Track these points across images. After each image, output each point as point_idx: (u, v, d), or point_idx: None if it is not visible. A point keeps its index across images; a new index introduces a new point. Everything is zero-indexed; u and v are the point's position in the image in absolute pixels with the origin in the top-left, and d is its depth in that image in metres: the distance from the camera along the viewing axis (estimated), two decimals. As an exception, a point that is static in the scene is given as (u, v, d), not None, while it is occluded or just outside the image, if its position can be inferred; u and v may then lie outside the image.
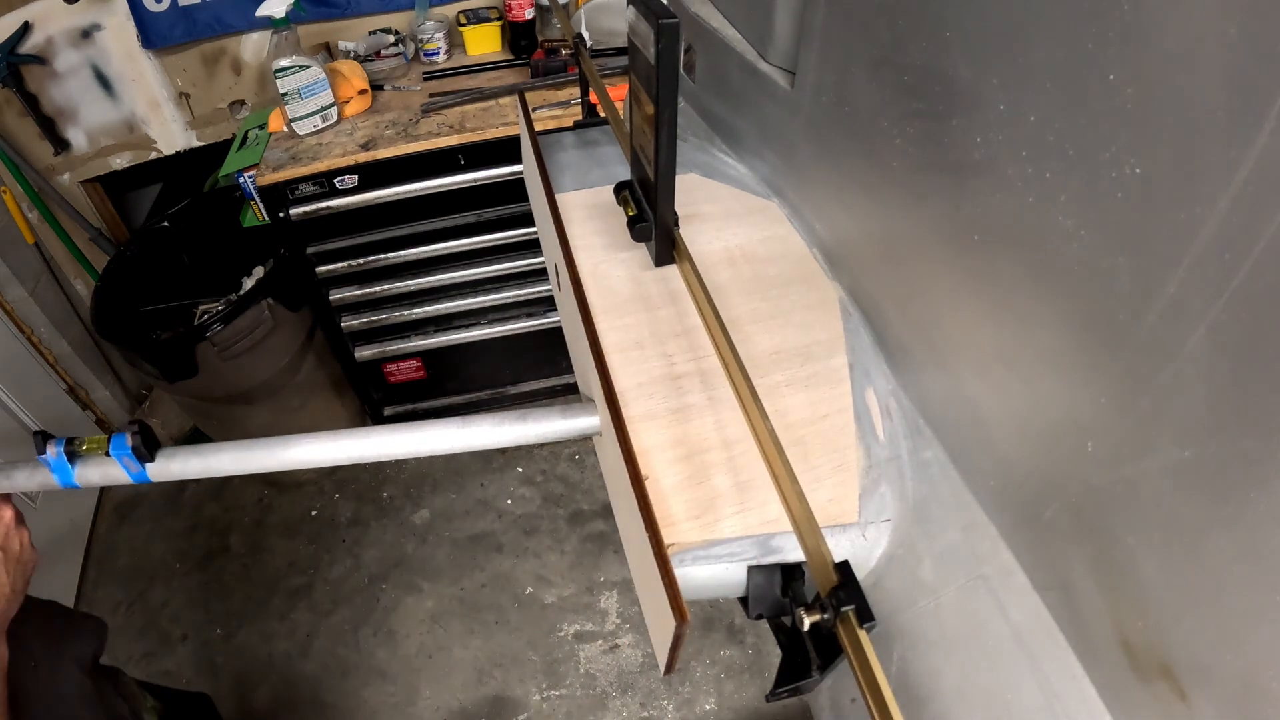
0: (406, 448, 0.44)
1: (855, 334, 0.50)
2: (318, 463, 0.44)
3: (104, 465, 0.45)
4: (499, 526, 1.85)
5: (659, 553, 0.32)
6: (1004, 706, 0.36)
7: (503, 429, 0.43)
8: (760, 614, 0.43)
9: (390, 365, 1.72)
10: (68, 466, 0.45)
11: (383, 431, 0.44)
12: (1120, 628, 0.31)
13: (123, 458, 0.44)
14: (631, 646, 1.65)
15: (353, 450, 0.44)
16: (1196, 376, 0.25)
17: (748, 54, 0.58)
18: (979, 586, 0.39)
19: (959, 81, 0.34)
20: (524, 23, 1.64)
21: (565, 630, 1.68)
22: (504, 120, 1.40)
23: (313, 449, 0.44)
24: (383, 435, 0.43)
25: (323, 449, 0.44)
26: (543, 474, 1.93)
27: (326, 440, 0.44)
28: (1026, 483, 0.36)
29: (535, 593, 1.74)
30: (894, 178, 0.42)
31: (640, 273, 0.53)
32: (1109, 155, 0.27)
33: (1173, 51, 0.24)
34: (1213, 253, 0.24)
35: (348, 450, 0.44)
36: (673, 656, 0.32)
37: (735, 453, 0.43)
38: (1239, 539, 0.25)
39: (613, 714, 1.56)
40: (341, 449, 0.44)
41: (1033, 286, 0.33)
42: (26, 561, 0.58)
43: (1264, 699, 0.25)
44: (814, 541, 0.32)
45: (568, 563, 1.78)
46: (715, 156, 0.67)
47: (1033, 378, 0.34)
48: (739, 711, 1.55)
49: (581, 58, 0.68)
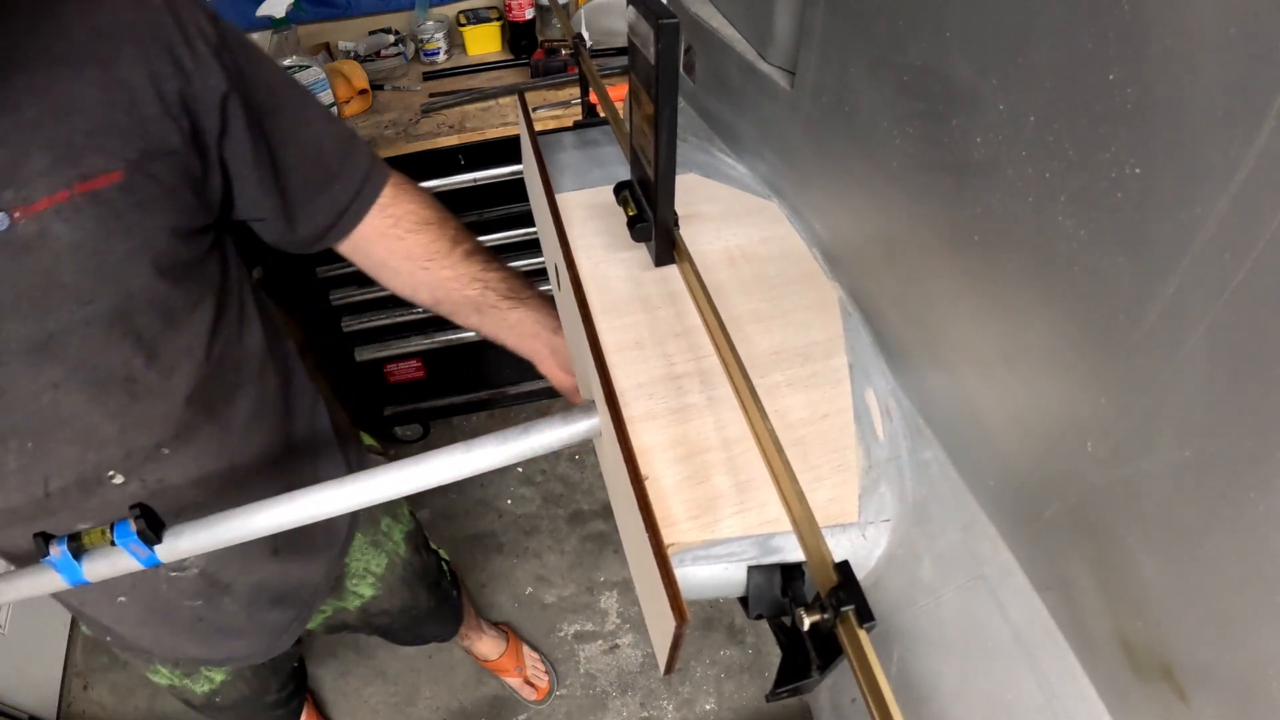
0: (415, 483, 0.43)
1: (855, 334, 0.50)
2: (326, 514, 0.44)
3: (112, 555, 0.44)
4: (499, 526, 1.85)
5: (659, 553, 0.32)
6: (1004, 706, 0.36)
7: (507, 446, 0.43)
8: (760, 614, 0.43)
9: (390, 365, 1.72)
10: (75, 565, 0.44)
11: (390, 470, 0.43)
12: (1120, 628, 0.31)
13: (129, 545, 0.43)
14: (631, 646, 1.65)
15: (362, 496, 0.43)
16: (1196, 376, 0.25)
17: (747, 54, 0.58)
18: (979, 586, 0.39)
19: (959, 81, 0.34)
20: (524, 23, 1.64)
21: (565, 630, 1.68)
22: (504, 120, 1.40)
23: (319, 500, 0.43)
24: (390, 474, 0.43)
25: (330, 499, 0.43)
26: (543, 474, 1.93)
27: (333, 489, 0.43)
28: (1026, 483, 0.36)
29: (535, 593, 1.74)
30: (894, 178, 0.42)
31: (640, 273, 0.53)
32: (1109, 155, 0.27)
33: (1173, 51, 0.24)
34: (1213, 253, 0.24)
35: (357, 497, 0.43)
36: (673, 657, 0.32)
37: (735, 453, 0.43)
38: (1239, 539, 0.25)
39: (613, 714, 1.56)
40: (350, 496, 0.43)
41: (1032, 286, 0.33)
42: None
43: (1264, 699, 0.25)
44: (814, 541, 0.32)
45: (568, 563, 1.78)
46: (715, 156, 0.67)
47: (1032, 378, 0.34)
48: (739, 711, 1.55)
49: (581, 58, 0.68)
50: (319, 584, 0.85)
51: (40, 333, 0.54)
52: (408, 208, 0.71)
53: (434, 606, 1.13)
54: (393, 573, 0.99)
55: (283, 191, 0.65)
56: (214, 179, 0.61)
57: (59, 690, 1.61)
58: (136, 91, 0.54)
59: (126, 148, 0.54)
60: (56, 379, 0.56)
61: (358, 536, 0.91)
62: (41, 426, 0.57)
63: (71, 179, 0.52)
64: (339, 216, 0.68)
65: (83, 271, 0.53)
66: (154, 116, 0.55)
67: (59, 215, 0.52)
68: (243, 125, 0.60)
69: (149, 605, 0.73)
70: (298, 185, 0.66)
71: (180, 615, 0.75)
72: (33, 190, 0.51)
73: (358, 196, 0.68)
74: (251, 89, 0.60)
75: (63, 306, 0.54)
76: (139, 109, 0.54)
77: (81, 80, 0.52)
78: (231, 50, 0.59)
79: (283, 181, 0.65)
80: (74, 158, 0.52)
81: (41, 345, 0.54)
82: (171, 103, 0.55)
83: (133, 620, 0.75)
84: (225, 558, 0.71)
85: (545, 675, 1.57)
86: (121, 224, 0.54)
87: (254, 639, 0.83)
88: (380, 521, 0.96)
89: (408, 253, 0.71)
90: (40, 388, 0.55)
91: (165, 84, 0.55)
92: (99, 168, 0.53)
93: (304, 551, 0.81)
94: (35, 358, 0.54)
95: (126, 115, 0.53)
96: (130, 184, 0.54)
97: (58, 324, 0.54)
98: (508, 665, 1.53)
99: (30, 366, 0.54)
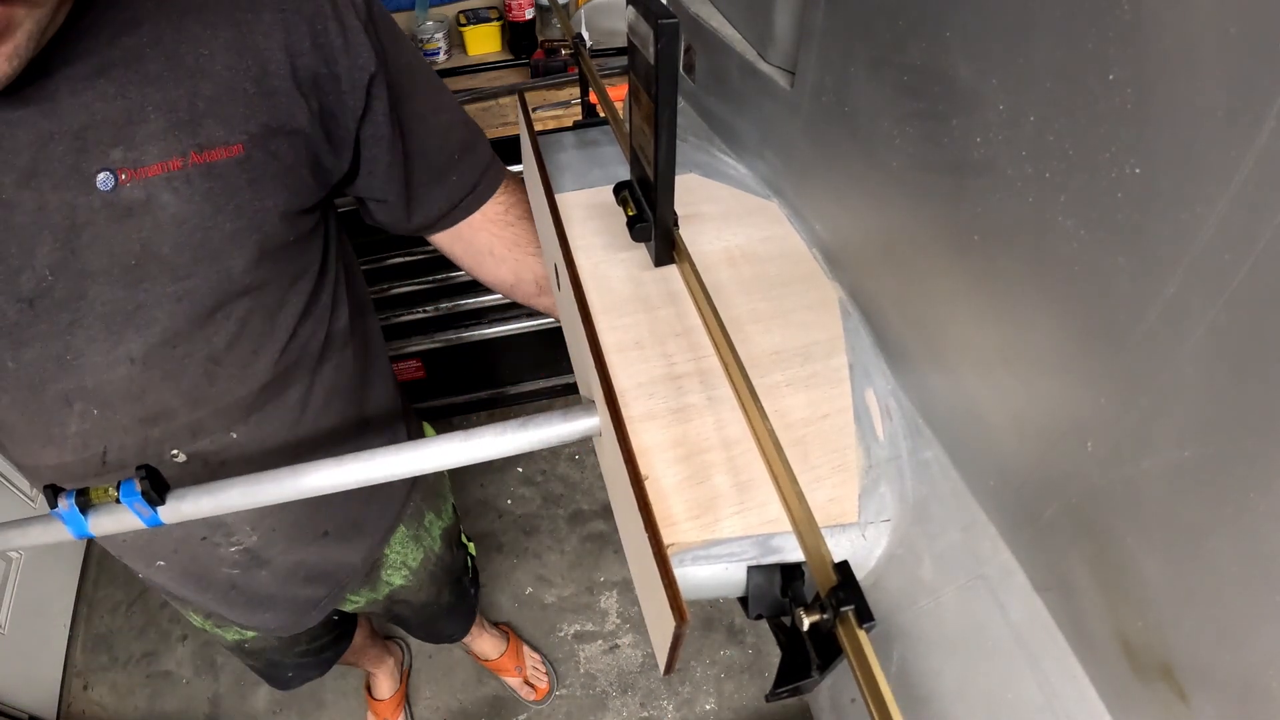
0: (413, 466, 0.43)
1: (855, 334, 0.50)
2: (328, 489, 0.44)
3: (116, 513, 0.45)
4: (499, 526, 1.85)
5: (659, 553, 0.32)
6: (1004, 706, 0.36)
7: (505, 438, 0.43)
8: (760, 614, 0.43)
9: (390, 365, 1.72)
10: (81, 518, 0.45)
11: (388, 452, 0.43)
12: (1120, 628, 0.31)
13: (134, 504, 0.44)
14: (631, 646, 1.65)
15: (361, 473, 0.43)
16: (1196, 376, 0.25)
17: (747, 54, 0.58)
18: (979, 586, 0.39)
19: (959, 81, 0.34)
20: (524, 23, 1.64)
21: (565, 630, 1.68)
22: (504, 120, 1.40)
23: (321, 476, 0.43)
24: (389, 456, 0.43)
25: (332, 475, 0.43)
26: (543, 474, 1.93)
27: (334, 466, 0.43)
28: (1026, 483, 0.36)
29: (535, 593, 1.74)
30: (894, 178, 0.42)
31: (640, 273, 0.53)
32: (1109, 155, 0.27)
33: (1173, 51, 0.24)
34: (1213, 253, 0.24)
35: (356, 474, 0.43)
36: (672, 657, 0.32)
37: (735, 453, 0.43)
38: (1239, 539, 0.25)
39: (613, 714, 1.56)
40: (351, 473, 0.43)
41: (1032, 286, 0.33)
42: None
43: (1265, 699, 0.25)
44: (813, 541, 0.32)
45: (568, 563, 1.78)
46: (715, 156, 0.67)
47: (1032, 377, 0.34)
48: (739, 711, 1.55)
49: (581, 58, 0.68)
50: (356, 566, 0.85)
51: (129, 302, 0.51)
52: (518, 197, 0.71)
53: (452, 604, 1.13)
54: (425, 568, 0.98)
55: (408, 176, 0.63)
56: (341, 159, 0.59)
57: (59, 690, 1.61)
58: (269, 62, 0.51)
59: (250, 120, 0.51)
60: (135, 353, 0.53)
61: (400, 528, 0.90)
62: (110, 397, 0.55)
63: (188, 147, 0.49)
64: (453, 207, 0.67)
65: (183, 247, 0.51)
66: (283, 90, 0.52)
67: (169, 184, 0.49)
68: (385, 107, 0.57)
69: (185, 569, 0.72)
70: (421, 171, 0.64)
71: (216, 582, 0.74)
72: (144, 153, 0.48)
73: (474, 190, 0.67)
74: (394, 70, 0.58)
75: (156, 279, 0.51)
76: (269, 81, 0.51)
77: (213, 41, 0.49)
78: (378, 26, 0.56)
79: (409, 166, 0.63)
80: (193, 124, 0.49)
81: (128, 315, 0.52)
82: (304, 79, 0.52)
83: (167, 580, 0.75)
84: (274, 537, 0.71)
85: (545, 675, 1.57)
86: (233, 202, 0.52)
87: (283, 612, 0.83)
88: (424, 516, 0.95)
89: (516, 239, 0.70)
90: (116, 358, 0.53)
91: (300, 59, 0.52)
92: (219, 139, 0.50)
93: (350, 538, 0.80)
94: (118, 325, 0.52)
95: (255, 85, 0.50)
96: (249, 160, 0.51)
97: (148, 295, 0.51)
98: (508, 665, 1.53)
99: (112, 334, 0.52)
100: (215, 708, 1.60)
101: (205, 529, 0.68)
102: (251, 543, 0.70)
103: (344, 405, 0.71)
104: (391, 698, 1.51)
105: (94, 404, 0.55)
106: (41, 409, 0.55)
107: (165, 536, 0.68)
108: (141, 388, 0.56)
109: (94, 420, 0.56)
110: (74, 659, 1.66)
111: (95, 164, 0.47)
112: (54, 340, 0.52)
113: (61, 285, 0.50)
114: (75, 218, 0.48)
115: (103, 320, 0.52)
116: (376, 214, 0.69)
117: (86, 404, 0.55)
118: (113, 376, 0.54)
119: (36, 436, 0.57)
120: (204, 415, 0.59)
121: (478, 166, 0.68)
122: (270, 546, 0.72)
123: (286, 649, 0.99)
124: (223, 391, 0.59)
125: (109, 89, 0.47)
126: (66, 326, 0.51)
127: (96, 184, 0.48)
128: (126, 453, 0.59)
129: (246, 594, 0.77)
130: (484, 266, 0.72)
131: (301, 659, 1.04)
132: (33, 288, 0.49)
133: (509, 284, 0.73)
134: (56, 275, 0.49)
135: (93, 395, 0.55)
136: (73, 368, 0.53)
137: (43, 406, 0.55)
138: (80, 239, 0.49)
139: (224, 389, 0.59)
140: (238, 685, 1.60)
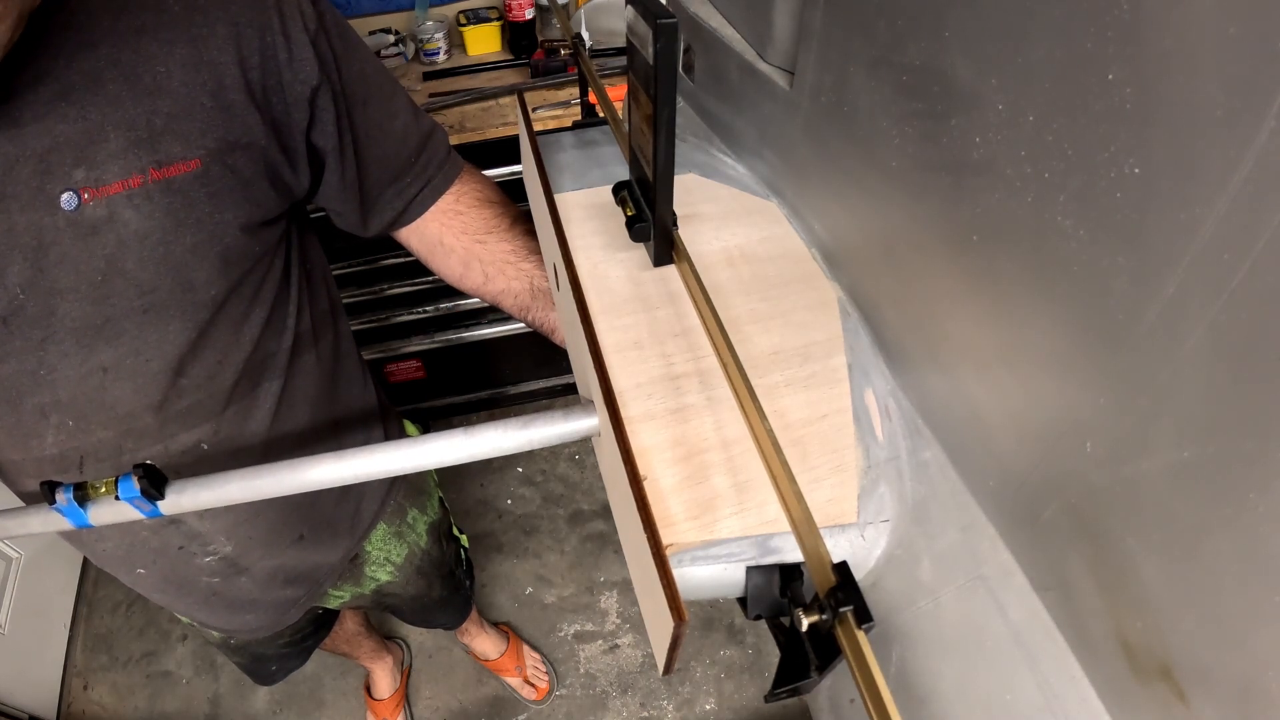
0: (414, 461, 0.43)
1: (854, 334, 0.50)
2: (329, 483, 0.44)
3: (115, 507, 0.45)
4: (499, 526, 1.85)
5: (658, 553, 0.32)
6: (1003, 707, 0.36)
7: (508, 436, 0.43)
8: (759, 614, 0.43)
9: (390, 365, 1.72)
10: (80, 510, 0.45)
11: (390, 448, 0.43)
12: (1120, 628, 0.31)
13: (133, 500, 0.44)
14: (631, 646, 1.65)
15: (361, 468, 0.43)
16: (1196, 376, 0.25)
17: (746, 54, 0.58)
18: (978, 587, 0.38)
19: (958, 81, 0.34)
20: (524, 23, 1.64)
21: (565, 630, 1.68)
22: (504, 120, 1.40)
23: (322, 470, 0.43)
24: (390, 451, 0.43)
25: (331, 470, 0.43)
26: (543, 474, 1.93)
27: (333, 461, 0.44)
28: (1025, 483, 0.36)
29: (535, 593, 1.74)
30: (893, 177, 0.42)
31: (639, 273, 0.53)
32: (1108, 155, 0.27)
33: (1172, 51, 0.24)
34: (1212, 253, 0.24)
35: (355, 469, 0.43)
36: (672, 657, 0.32)
37: (734, 453, 0.43)
38: (1239, 539, 0.25)
39: (613, 714, 1.56)
40: (350, 468, 0.43)
41: (1032, 286, 0.33)
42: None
43: (1264, 699, 0.25)
44: (812, 542, 0.32)
45: (568, 563, 1.78)
46: (714, 156, 0.67)
47: (1031, 378, 0.34)
48: (739, 711, 1.55)
49: (581, 58, 0.68)
50: (334, 564, 0.86)
51: (97, 316, 0.52)
52: (471, 187, 0.70)
53: (445, 596, 1.14)
54: (410, 563, 0.98)
55: (362, 183, 0.64)
56: (298, 172, 0.59)
57: (59, 690, 1.61)
58: (224, 75, 0.51)
59: (207, 135, 0.51)
60: (107, 363, 0.55)
61: (381, 526, 0.90)
62: (85, 408, 0.56)
63: (147, 164, 0.49)
64: (407, 204, 0.67)
65: (146, 261, 0.52)
66: (239, 103, 0.52)
67: (130, 201, 0.50)
68: (332, 118, 0.58)
69: (166, 577, 0.73)
70: (375, 177, 0.64)
71: (196, 589, 0.75)
72: (105, 172, 0.49)
73: (427, 186, 0.67)
74: (345, 78, 0.58)
75: (123, 294, 0.52)
76: (225, 94, 0.51)
77: (170, 59, 0.49)
78: (329, 35, 0.56)
79: (363, 173, 0.63)
80: (152, 141, 0.49)
81: (97, 328, 0.53)
82: (256, 91, 0.53)
83: (148, 588, 0.76)
84: (250, 544, 0.72)
85: (545, 675, 1.57)
86: (193, 216, 0.52)
87: (264, 614, 0.84)
88: (407, 513, 0.95)
89: (464, 227, 0.70)
90: (89, 369, 0.54)
91: (251, 72, 0.52)
92: (177, 154, 0.50)
93: (326, 540, 0.81)
94: (89, 339, 0.53)
95: (212, 99, 0.51)
96: (207, 174, 0.52)
97: (115, 309, 0.53)
98: (508, 665, 1.53)
99: (83, 347, 0.53)
100: (215, 708, 1.60)
101: (182, 539, 0.69)
102: (228, 551, 0.71)
103: (314, 407, 0.72)
104: (391, 697, 1.51)
105: (69, 416, 0.57)
106: (19, 423, 0.57)
107: (143, 546, 0.69)
108: (114, 398, 0.57)
109: (69, 431, 0.57)
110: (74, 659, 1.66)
111: (59, 185, 0.48)
112: (28, 356, 0.53)
113: (33, 303, 0.51)
114: (42, 238, 0.49)
115: (74, 335, 0.53)
116: (336, 222, 0.69)
117: (62, 416, 0.57)
118: (86, 388, 0.55)
119: (15, 448, 0.58)
120: (174, 423, 0.60)
121: (432, 164, 0.68)
122: (248, 554, 0.73)
123: (269, 642, 1.00)
124: (191, 399, 0.60)
125: (70, 111, 0.48)
126: (39, 343, 0.52)
127: (61, 204, 0.49)
128: (102, 462, 0.60)
129: (227, 599, 0.78)
130: (436, 257, 0.72)
131: (284, 649, 1.05)
132: (5, 306, 0.51)
133: (458, 274, 0.72)
134: (27, 294, 0.50)
135: (68, 408, 0.56)
136: (47, 382, 0.55)
137: (20, 420, 0.56)
138: (48, 258, 0.50)
139: (192, 397, 0.60)
140: (238, 685, 1.60)
